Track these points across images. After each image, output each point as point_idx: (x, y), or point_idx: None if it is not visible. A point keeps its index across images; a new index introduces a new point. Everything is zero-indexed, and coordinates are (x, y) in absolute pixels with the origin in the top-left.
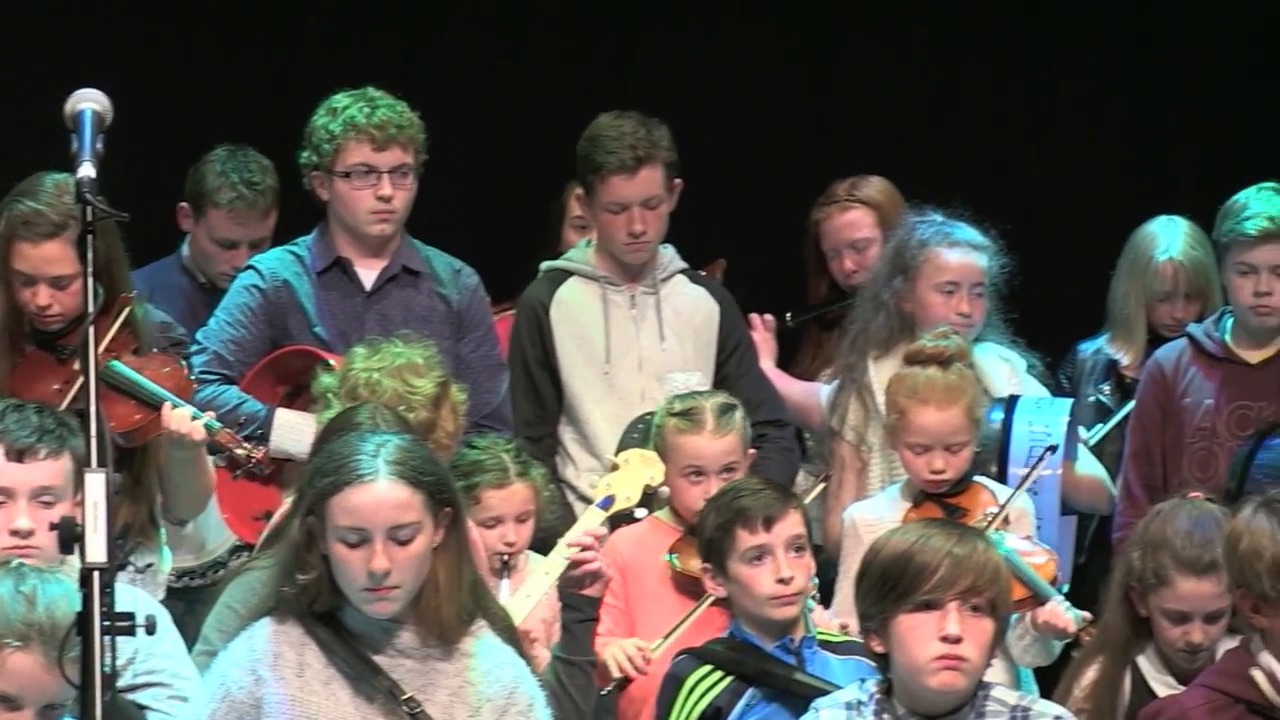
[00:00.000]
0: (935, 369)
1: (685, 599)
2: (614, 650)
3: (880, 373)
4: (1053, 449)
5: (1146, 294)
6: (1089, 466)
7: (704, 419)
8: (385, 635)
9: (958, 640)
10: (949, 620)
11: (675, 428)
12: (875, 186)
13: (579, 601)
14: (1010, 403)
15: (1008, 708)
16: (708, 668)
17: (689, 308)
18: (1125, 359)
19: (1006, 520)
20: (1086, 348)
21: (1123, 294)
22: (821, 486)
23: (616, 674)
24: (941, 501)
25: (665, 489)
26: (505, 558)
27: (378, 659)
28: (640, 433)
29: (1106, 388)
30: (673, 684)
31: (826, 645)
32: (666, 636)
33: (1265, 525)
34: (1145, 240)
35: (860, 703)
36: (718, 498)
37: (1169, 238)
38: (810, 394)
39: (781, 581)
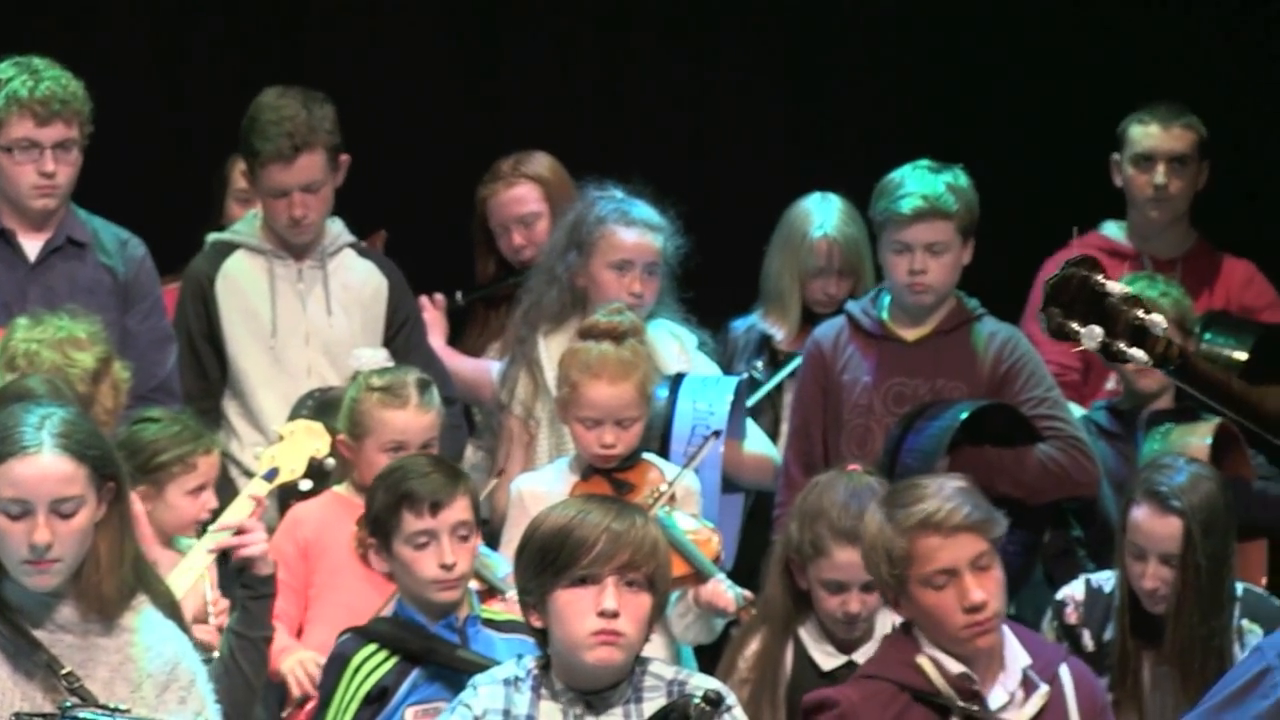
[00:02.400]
0: (609, 344)
1: (371, 573)
2: (293, 666)
3: (550, 347)
4: (717, 434)
5: (800, 270)
6: (757, 444)
7: (408, 394)
8: (45, 609)
9: (615, 615)
10: (606, 595)
11: (379, 402)
12: (541, 162)
13: (252, 579)
14: (676, 380)
15: (665, 682)
16: (373, 647)
17: (357, 282)
18: (779, 334)
19: (673, 498)
20: (740, 324)
21: (776, 270)
22: (495, 482)
23: (297, 692)
24: (610, 476)
25: (331, 460)
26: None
27: (37, 634)
28: (309, 408)
29: (760, 363)
30: (338, 663)
31: (490, 624)
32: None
33: (877, 518)
34: (799, 217)
35: (518, 679)
36: (387, 475)
37: (822, 214)
38: (480, 370)
39: (444, 567)
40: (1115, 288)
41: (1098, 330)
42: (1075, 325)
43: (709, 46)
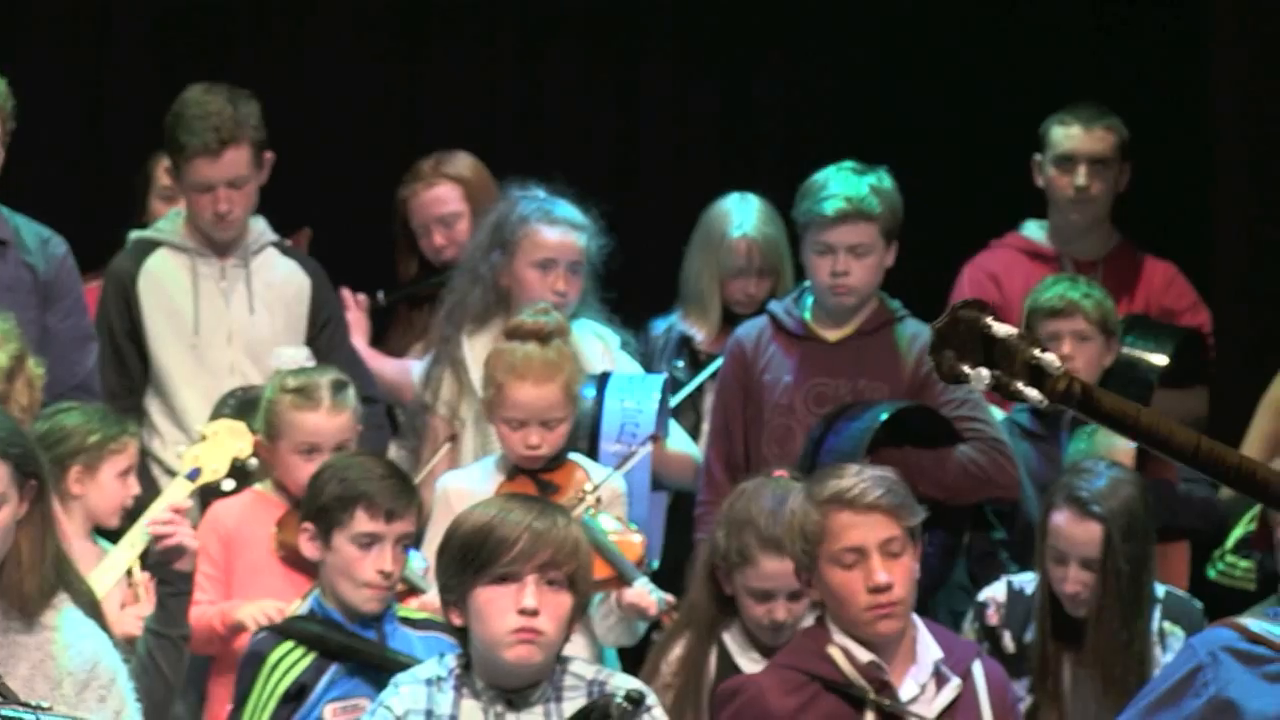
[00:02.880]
0: (534, 345)
1: (291, 572)
2: (253, 613)
3: (474, 347)
4: (655, 438)
5: (720, 270)
6: (680, 443)
7: (320, 395)
8: None
9: (535, 613)
10: (526, 593)
11: (291, 404)
12: (462, 162)
13: (171, 575)
14: (602, 379)
15: (585, 681)
16: (290, 644)
17: (280, 281)
18: (699, 335)
19: (599, 500)
20: (660, 325)
21: (696, 271)
22: (440, 456)
23: (254, 628)
24: (536, 477)
25: (254, 461)
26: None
27: None
28: (231, 407)
29: (681, 364)
30: (254, 661)
31: (407, 621)
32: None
33: (799, 495)
34: (718, 217)
35: (440, 678)
36: (342, 468)
37: (741, 214)
38: (403, 370)
39: (382, 574)
40: (1004, 329)
41: (985, 374)
42: (965, 368)
43: (632, 46)
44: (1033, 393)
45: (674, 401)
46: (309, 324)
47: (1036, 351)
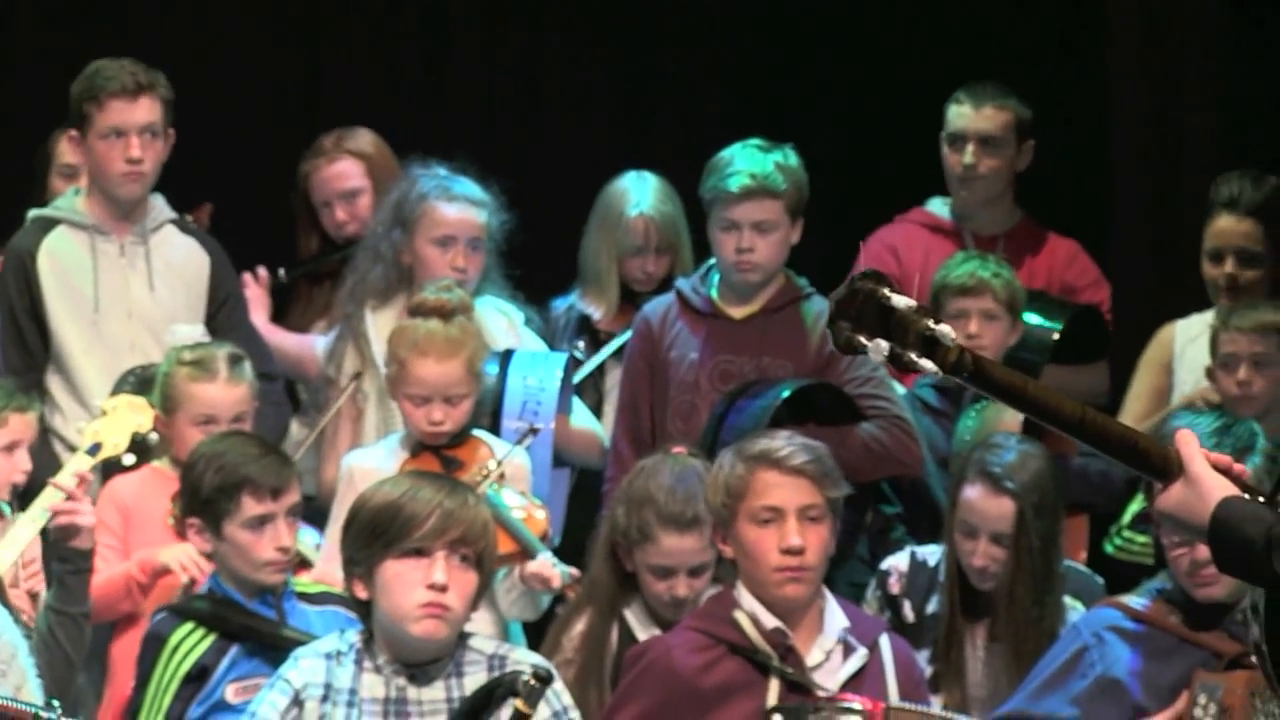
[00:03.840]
0: (437, 321)
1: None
2: (178, 555)
3: (378, 322)
4: (563, 415)
5: (618, 248)
6: (583, 420)
7: (218, 368)
8: None
9: (444, 589)
10: (436, 568)
11: (188, 376)
12: (364, 138)
13: (70, 553)
14: (505, 356)
15: (485, 656)
16: (190, 625)
17: (179, 258)
18: (598, 313)
19: (503, 476)
20: (560, 303)
21: (594, 249)
22: (316, 434)
23: (185, 577)
24: (439, 453)
25: (154, 435)
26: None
27: None
28: (131, 384)
29: (581, 342)
30: (155, 643)
31: (304, 597)
32: None
33: (729, 453)
34: (615, 196)
35: (340, 652)
36: (214, 457)
37: (639, 193)
38: (305, 346)
39: (281, 550)
40: (901, 301)
41: (883, 344)
42: (863, 339)
43: (533, 23)
44: (927, 363)
45: (576, 379)
46: (208, 301)
47: (931, 323)
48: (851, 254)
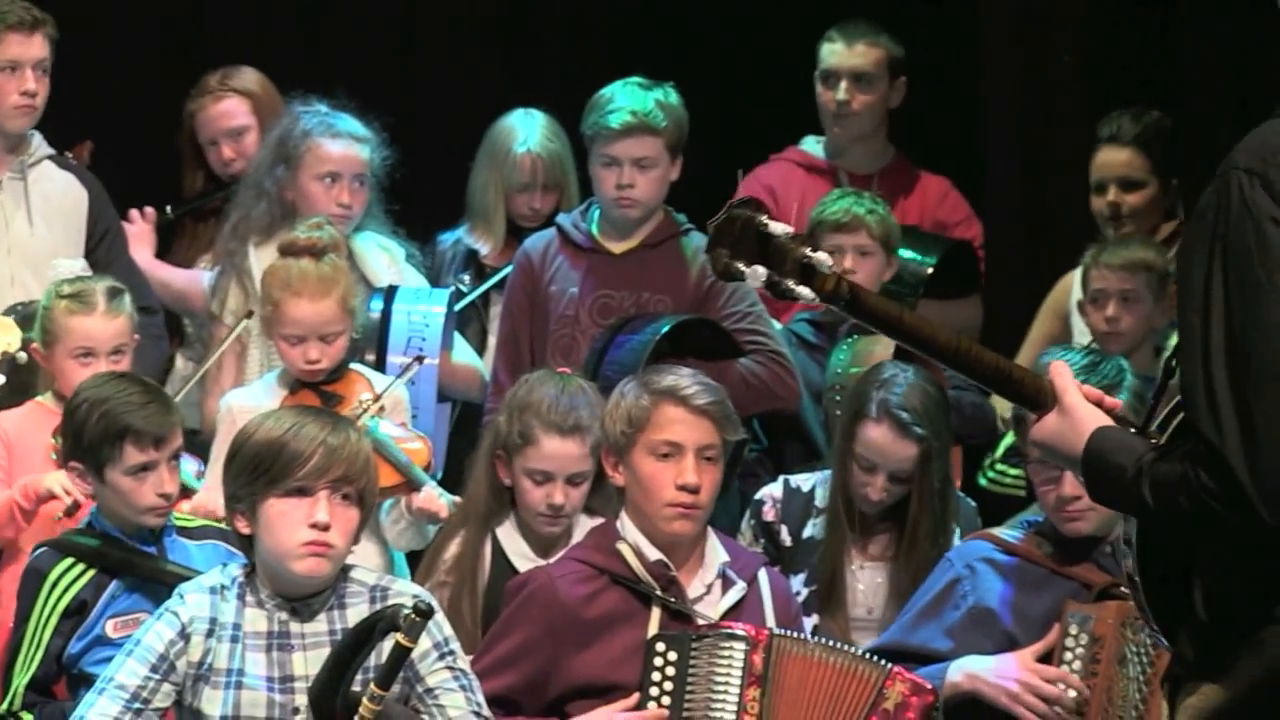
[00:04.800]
0: (308, 260)
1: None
2: (59, 477)
3: (262, 259)
4: (421, 358)
5: (505, 185)
6: (464, 355)
7: (96, 301)
8: None
9: (326, 527)
10: (319, 508)
11: (66, 309)
12: (249, 77)
13: None
14: (389, 292)
15: (367, 588)
16: (69, 560)
17: (58, 193)
18: (485, 248)
19: (382, 408)
20: (447, 238)
21: (482, 185)
22: (201, 374)
23: (66, 499)
24: (318, 389)
25: (23, 355)
26: None
27: None
28: (15, 319)
29: (466, 277)
30: (34, 578)
31: (184, 532)
32: None
33: (631, 382)
34: (503, 133)
35: (224, 586)
36: (98, 403)
37: (526, 130)
38: (192, 281)
39: (163, 495)
40: (779, 228)
41: (761, 270)
42: (741, 265)
43: None
44: (804, 290)
45: (457, 307)
46: (87, 236)
47: (808, 250)
48: (729, 192)
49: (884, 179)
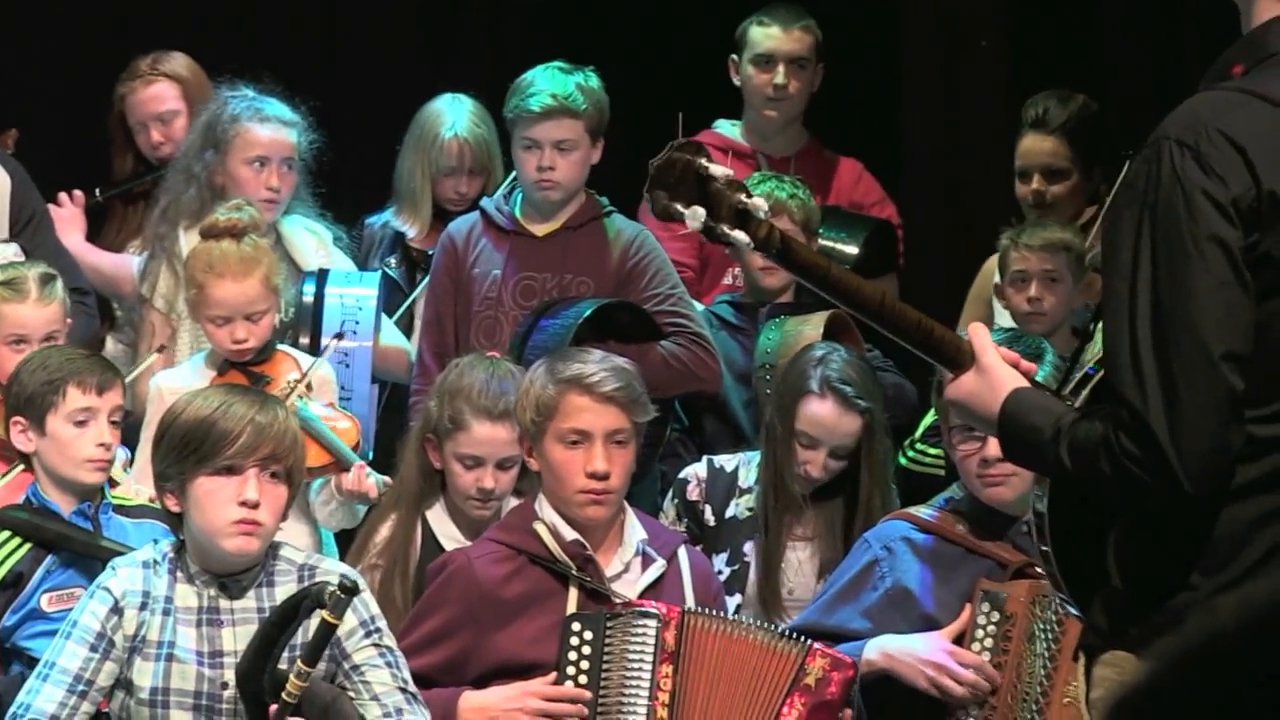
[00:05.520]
0: (229, 242)
1: (3, 466)
2: None
3: (191, 242)
4: (341, 335)
5: (432, 169)
6: (391, 337)
7: (28, 287)
8: None
9: (255, 506)
10: (248, 486)
11: None
12: (178, 61)
13: None
14: (321, 275)
15: (296, 566)
16: (5, 534)
17: None
18: (411, 231)
19: (310, 387)
20: (374, 221)
21: (409, 169)
22: (154, 357)
23: None
24: (246, 370)
25: None
26: None
27: None
28: None
29: (393, 260)
30: None
31: (122, 510)
32: None
33: (540, 368)
34: (430, 117)
35: (156, 562)
36: (43, 360)
37: (453, 115)
38: (121, 265)
39: (102, 446)
40: (719, 170)
41: (700, 211)
42: (679, 207)
43: None
44: (739, 235)
45: (400, 310)
46: (11, 221)
47: (744, 196)
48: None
49: (800, 162)
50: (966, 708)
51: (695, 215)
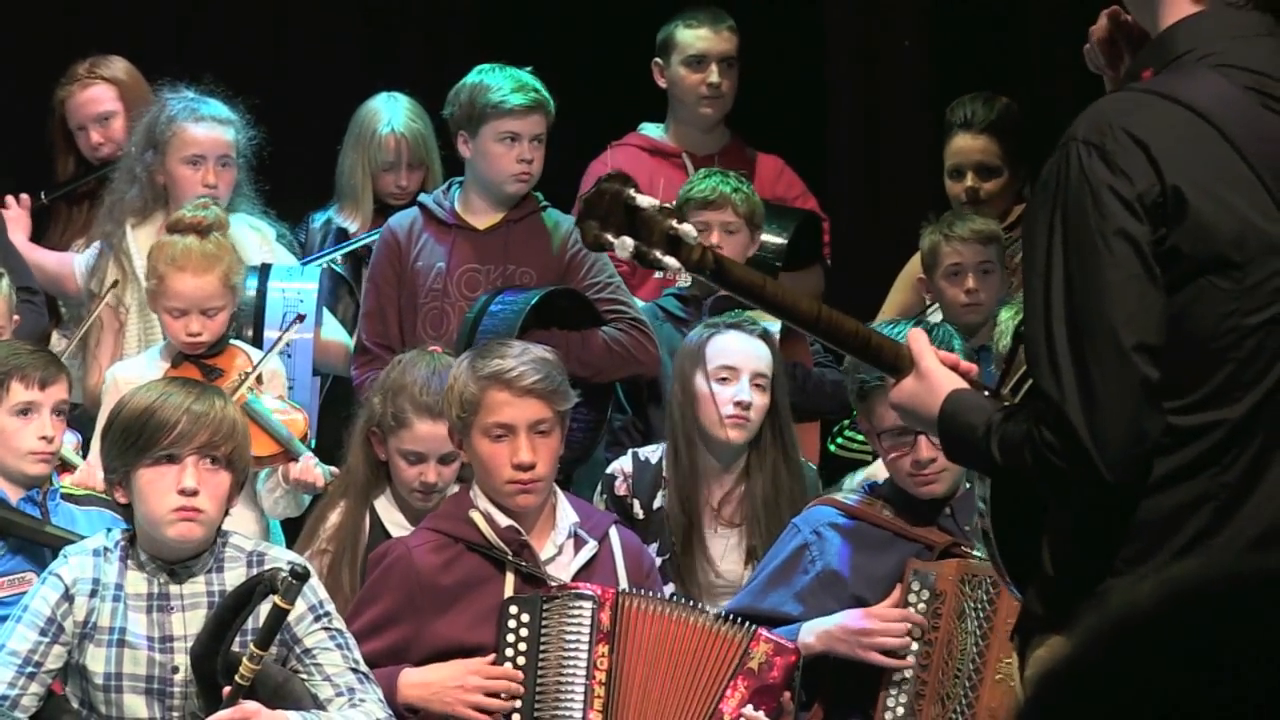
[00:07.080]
0: (193, 238)
1: None
2: None
3: (138, 238)
4: (301, 317)
5: (372, 165)
6: (333, 331)
7: None
8: None
9: (194, 493)
10: (186, 474)
11: None
12: (116, 65)
13: None
14: (264, 270)
15: (244, 553)
16: None
17: None
18: (354, 226)
19: (260, 380)
20: (318, 218)
21: (349, 166)
22: (78, 339)
23: None
24: (200, 363)
25: None
26: None
27: None
28: None
29: (338, 256)
30: None
31: (70, 498)
32: None
33: (463, 364)
34: (369, 114)
35: (107, 549)
36: None
37: (390, 112)
38: (65, 263)
39: (44, 439)
40: (646, 200)
41: (629, 242)
42: (609, 237)
43: None
44: (671, 261)
45: (305, 261)
46: None
47: (674, 222)
48: (577, 173)
49: (724, 159)
50: (900, 683)
51: (624, 245)
